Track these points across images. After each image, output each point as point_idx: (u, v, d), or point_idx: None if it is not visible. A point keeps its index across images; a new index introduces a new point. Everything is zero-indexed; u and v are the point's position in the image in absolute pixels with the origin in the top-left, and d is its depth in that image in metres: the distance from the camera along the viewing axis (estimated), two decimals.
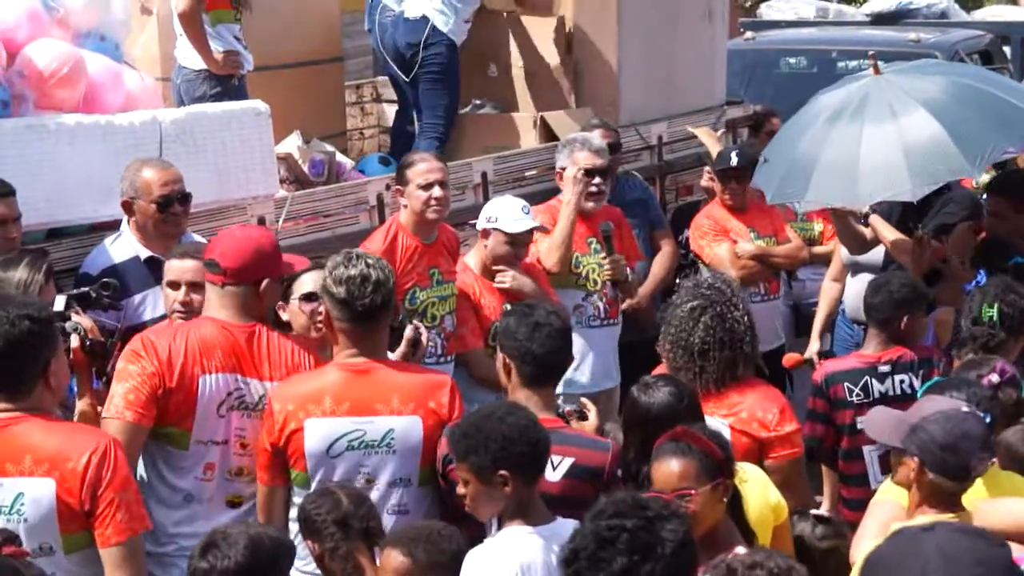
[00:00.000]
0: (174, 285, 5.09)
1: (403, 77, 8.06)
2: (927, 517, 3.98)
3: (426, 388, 4.58)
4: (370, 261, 4.56)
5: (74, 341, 4.49)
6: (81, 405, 4.62)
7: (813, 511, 4.70)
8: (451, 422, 4.45)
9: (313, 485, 4.46)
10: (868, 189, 6.28)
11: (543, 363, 4.58)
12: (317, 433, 4.48)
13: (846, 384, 5.83)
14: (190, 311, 5.02)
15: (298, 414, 4.48)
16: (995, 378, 4.89)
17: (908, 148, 6.16)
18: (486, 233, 6.33)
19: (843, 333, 7.47)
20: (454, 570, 3.86)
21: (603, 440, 4.58)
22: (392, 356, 4.80)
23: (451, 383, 4.66)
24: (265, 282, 4.72)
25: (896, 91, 6.42)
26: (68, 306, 4.66)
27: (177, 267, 5.11)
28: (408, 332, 5.13)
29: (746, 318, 4.94)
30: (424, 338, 5.13)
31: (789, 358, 7.35)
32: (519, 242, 6.34)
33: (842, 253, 7.34)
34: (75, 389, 4.69)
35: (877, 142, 6.23)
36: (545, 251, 6.72)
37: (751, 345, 4.92)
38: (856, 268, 7.23)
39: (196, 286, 5.01)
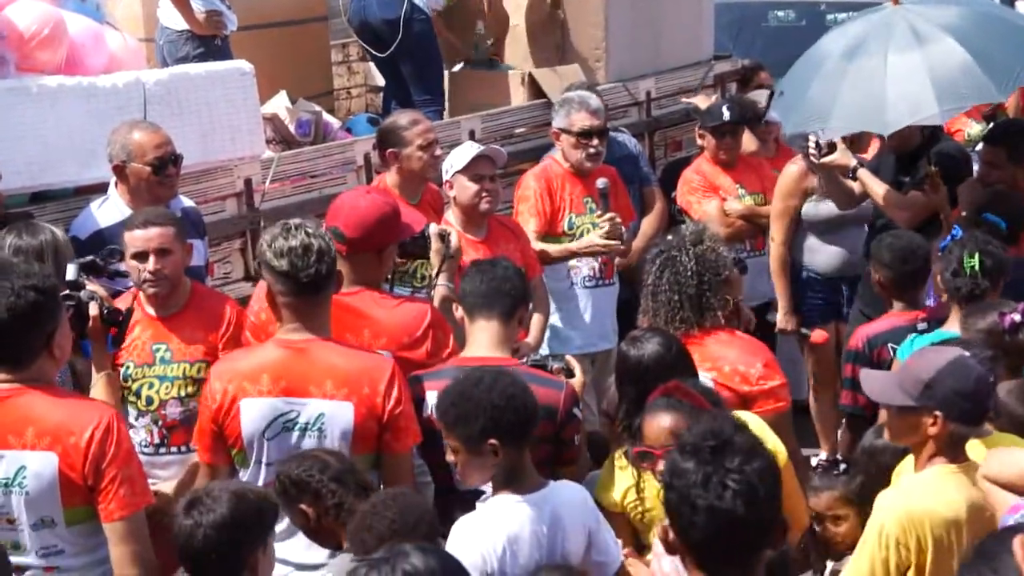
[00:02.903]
0: (141, 256, 4.87)
1: (377, 54, 7.92)
2: (936, 467, 4.02)
3: (363, 373, 4.30)
4: (310, 230, 4.31)
5: (93, 309, 4.35)
6: (100, 378, 4.50)
7: None
8: (386, 413, 4.26)
9: (251, 465, 4.31)
10: (895, 115, 6.25)
11: (478, 293, 4.60)
12: (252, 413, 4.28)
13: (890, 345, 5.67)
14: (161, 279, 4.89)
15: (235, 393, 4.28)
16: (1017, 317, 4.86)
17: (935, 74, 6.14)
18: (451, 186, 6.22)
19: (819, 298, 7.39)
20: (424, 533, 3.71)
21: (556, 379, 4.53)
22: (431, 258, 5.12)
23: (393, 368, 4.35)
24: (387, 248, 4.79)
25: (919, 19, 6.39)
26: (78, 274, 4.52)
27: (141, 236, 4.87)
28: (433, 229, 5.11)
29: (693, 263, 4.96)
30: (454, 234, 5.12)
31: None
32: (481, 173, 6.09)
33: (809, 212, 7.29)
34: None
35: (903, 70, 6.21)
36: (537, 250, 6.51)
37: (698, 289, 4.92)
38: (831, 226, 7.22)
39: (164, 252, 4.87)
